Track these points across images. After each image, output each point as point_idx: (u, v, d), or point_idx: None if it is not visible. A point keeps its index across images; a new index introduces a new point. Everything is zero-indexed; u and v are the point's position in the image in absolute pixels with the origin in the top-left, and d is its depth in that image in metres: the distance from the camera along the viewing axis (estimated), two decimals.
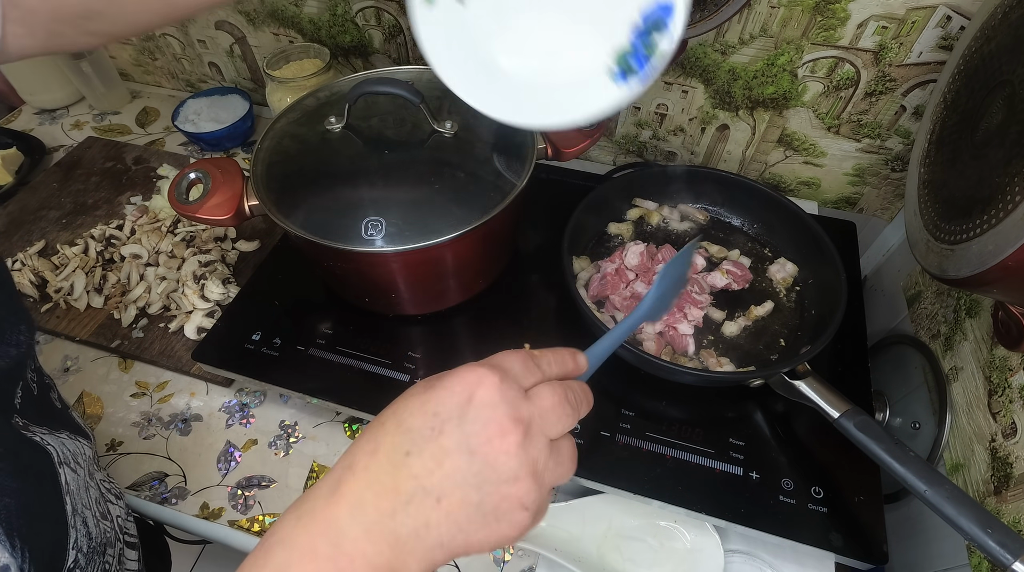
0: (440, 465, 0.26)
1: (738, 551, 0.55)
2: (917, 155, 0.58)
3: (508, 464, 0.26)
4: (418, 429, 0.26)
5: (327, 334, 0.64)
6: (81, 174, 0.89)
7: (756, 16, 0.66)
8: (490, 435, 0.26)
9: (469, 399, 0.27)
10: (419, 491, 0.26)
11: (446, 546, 0.26)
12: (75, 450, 0.43)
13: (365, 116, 0.60)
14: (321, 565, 0.25)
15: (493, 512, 0.26)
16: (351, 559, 0.25)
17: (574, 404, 0.29)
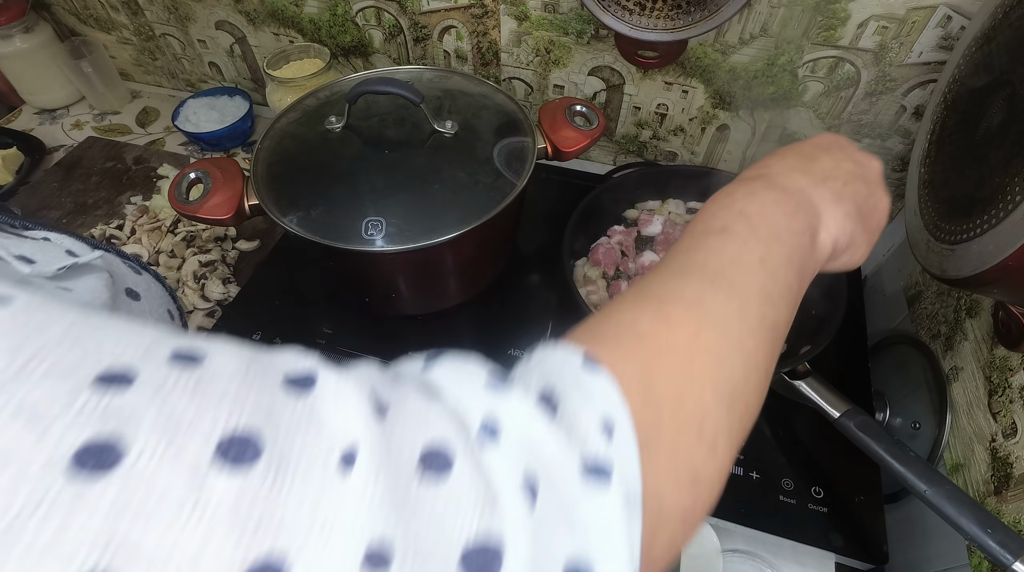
0: (832, 159, 0.36)
1: (738, 551, 0.55)
2: (917, 155, 0.58)
3: (875, 173, 0.38)
4: (807, 147, 0.37)
5: (327, 334, 0.64)
6: (81, 174, 0.89)
7: (756, 16, 0.66)
8: (860, 157, 0.37)
9: (835, 139, 0.38)
10: (821, 176, 0.34)
11: (851, 219, 0.34)
12: None
13: (365, 116, 0.60)
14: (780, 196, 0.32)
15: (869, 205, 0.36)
16: (795, 202, 0.32)
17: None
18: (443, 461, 0.16)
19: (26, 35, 0.93)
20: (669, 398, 0.21)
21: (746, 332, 0.25)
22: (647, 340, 0.23)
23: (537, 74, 0.82)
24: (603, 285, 0.64)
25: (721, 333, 0.24)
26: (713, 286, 0.26)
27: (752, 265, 0.27)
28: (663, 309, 0.24)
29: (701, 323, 0.24)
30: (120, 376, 0.14)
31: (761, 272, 0.27)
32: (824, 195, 0.33)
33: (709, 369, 0.23)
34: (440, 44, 0.82)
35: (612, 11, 0.65)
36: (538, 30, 0.76)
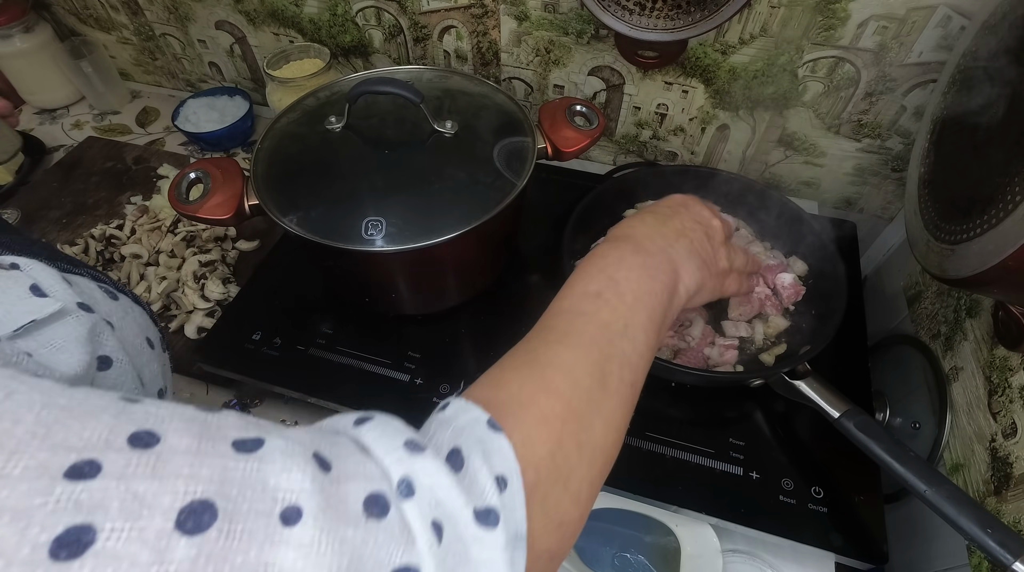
0: (683, 221, 0.44)
1: (738, 551, 0.55)
2: (917, 155, 0.58)
3: (718, 233, 0.46)
4: (663, 209, 0.46)
5: (327, 334, 0.64)
6: (81, 174, 0.89)
7: (756, 16, 0.66)
8: (704, 216, 0.46)
9: (684, 204, 0.48)
10: (674, 232, 0.42)
11: (700, 270, 0.42)
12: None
13: (365, 116, 0.60)
14: (637, 261, 0.38)
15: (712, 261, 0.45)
16: (656, 263, 0.39)
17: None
18: (382, 507, 0.20)
19: (26, 35, 0.93)
20: (545, 458, 0.26)
21: (607, 397, 0.31)
22: (531, 408, 0.28)
23: (537, 74, 0.82)
24: None
25: (586, 399, 0.30)
26: (586, 355, 0.31)
27: (618, 331, 0.33)
28: (544, 379, 0.30)
29: (572, 392, 0.29)
30: (87, 467, 0.16)
31: (624, 339, 0.33)
32: (680, 252, 0.41)
33: (576, 432, 0.28)
34: (440, 44, 0.82)
35: (612, 11, 0.65)
36: (538, 30, 0.76)
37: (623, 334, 0.33)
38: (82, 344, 0.26)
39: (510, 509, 0.23)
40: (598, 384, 0.31)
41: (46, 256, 0.30)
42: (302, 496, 0.18)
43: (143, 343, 0.32)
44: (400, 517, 0.20)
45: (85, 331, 0.27)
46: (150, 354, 0.33)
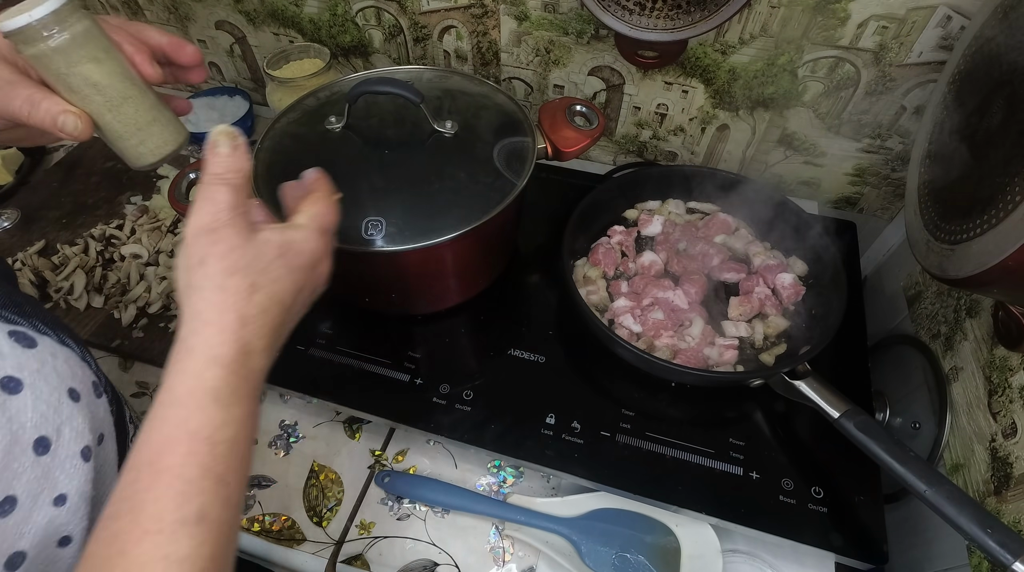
0: (298, 314, 0.38)
1: (738, 551, 0.55)
2: (917, 155, 0.58)
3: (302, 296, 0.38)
4: (292, 301, 0.36)
5: (327, 334, 0.64)
6: (81, 174, 0.89)
7: (756, 16, 0.66)
8: (321, 282, 0.39)
9: (319, 272, 0.39)
10: (287, 333, 0.36)
11: (278, 328, 0.35)
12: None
13: (365, 116, 0.60)
14: (244, 413, 0.31)
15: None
16: (258, 393, 0.32)
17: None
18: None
19: None
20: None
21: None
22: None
23: (537, 74, 0.82)
24: (603, 285, 0.65)
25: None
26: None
27: (192, 519, 0.27)
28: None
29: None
30: None
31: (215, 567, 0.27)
32: (260, 332, 0.33)
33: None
34: (440, 44, 0.82)
35: (612, 11, 0.65)
36: (538, 30, 0.76)
37: (227, 559, 0.28)
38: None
39: None
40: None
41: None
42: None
43: (62, 397, 0.29)
44: None
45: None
46: (71, 409, 0.29)
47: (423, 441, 0.62)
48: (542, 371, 0.61)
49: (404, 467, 0.61)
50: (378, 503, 0.59)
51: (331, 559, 0.55)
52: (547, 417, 0.57)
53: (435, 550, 0.56)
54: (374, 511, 0.58)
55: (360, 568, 0.55)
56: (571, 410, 0.58)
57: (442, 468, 0.61)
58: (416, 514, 0.58)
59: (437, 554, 0.56)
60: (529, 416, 0.57)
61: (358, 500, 0.59)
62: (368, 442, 0.63)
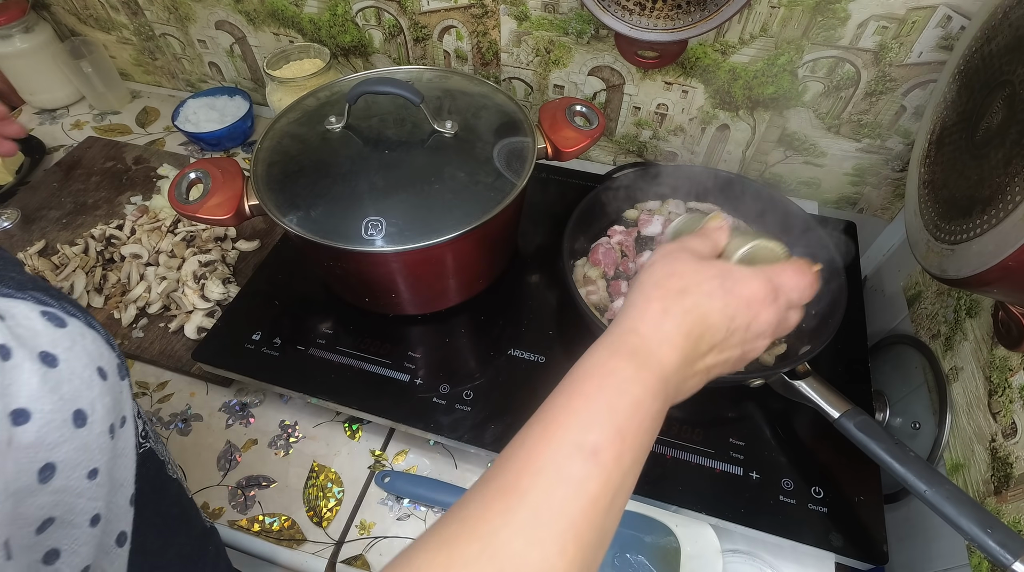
0: (721, 355, 0.36)
1: (738, 551, 0.55)
2: (917, 155, 0.58)
3: (756, 356, 0.39)
4: (717, 328, 0.35)
5: (327, 334, 0.64)
6: (81, 174, 0.89)
7: (756, 16, 0.66)
8: (757, 346, 0.38)
9: (756, 316, 0.36)
10: (703, 369, 0.36)
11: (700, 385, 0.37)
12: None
13: (365, 116, 0.60)
14: (651, 388, 0.32)
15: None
16: (666, 395, 0.33)
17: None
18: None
19: (26, 35, 0.93)
20: None
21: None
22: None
23: (537, 74, 0.82)
24: (603, 285, 0.65)
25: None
26: (559, 551, 0.26)
27: (603, 509, 0.28)
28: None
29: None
30: None
31: (607, 517, 0.28)
32: (696, 385, 0.36)
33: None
34: (440, 44, 0.82)
35: (612, 11, 0.65)
36: (538, 30, 0.76)
37: (608, 510, 0.28)
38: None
39: None
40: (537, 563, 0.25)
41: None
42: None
43: (92, 375, 0.30)
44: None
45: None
46: (101, 388, 0.30)
47: (423, 441, 0.62)
48: (542, 371, 0.61)
49: (404, 467, 0.61)
50: (378, 503, 0.59)
51: (331, 559, 0.55)
52: None
53: None
54: (374, 511, 0.58)
55: (360, 568, 0.55)
56: None
57: (442, 468, 0.61)
58: (416, 514, 0.58)
59: None
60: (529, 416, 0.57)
61: (358, 500, 0.59)
62: (368, 442, 0.63)
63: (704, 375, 0.36)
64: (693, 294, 0.35)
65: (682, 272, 0.36)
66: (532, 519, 0.26)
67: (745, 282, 0.36)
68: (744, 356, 0.38)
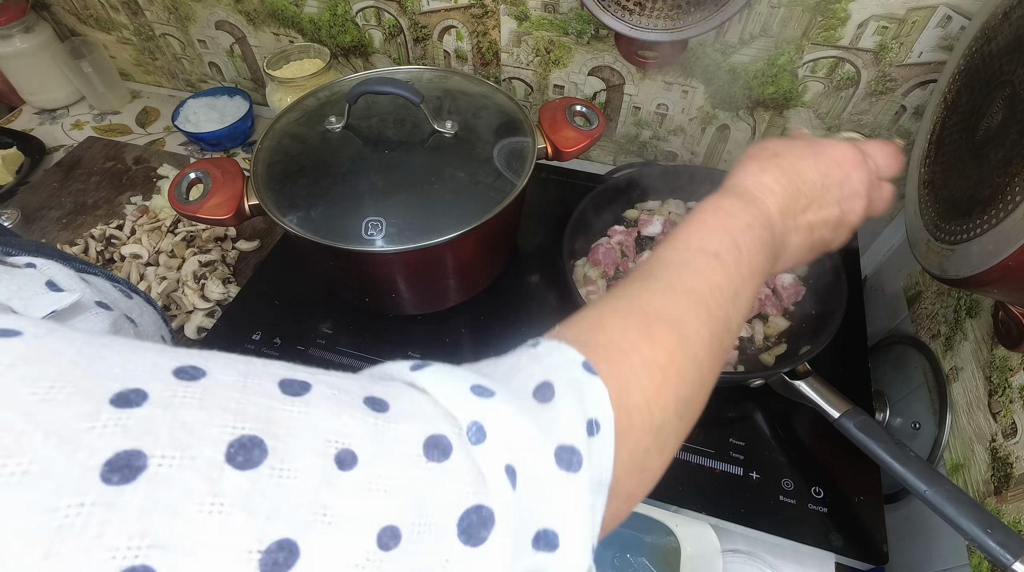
0: (821, 211, 0.38)
1: (738, 551, 0.55)
2: (917, 155, 0.58)
3: (855, 220, 0.40)
4: (813, 183, 0.38)
5: (327, 334, 0.64)
6: (81, 174, 0.89)
7: (756, 16, 0.66)
8: (855, 207, 0.39)
9: (847, 175, 0.38)
10: (806, 226, 0.38)
11: (801, 259, 0.40)
12: None
13: (365, 116, 0.60)
14: (758, 219, 0.35)
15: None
16: (772, 235, 0.35)
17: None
18: (444, 449, 0.19)
19: (26, 35, 0.93)
20: (640, 407, 0.25)
21: (707, 355, 0.30)
22: (632, 355, 0.26)
23: (537, 74, 0.82)
24: (603, 285, 0.65)
25: (690, 356, 0.28)
26: (694, 311, 0.29)
27: (728, 298, 0.31)
28: (649, 327, 0.28)
29: (678, 346, 0.28)
30: (132, 395, 0.15)
31: (732, 305, 0.31)
32: (801, 242, 0.38)
33: (674, 385, 0.27)
34: (440, 44, 0.82)
35: (612, 11, 0.65)
36: (538, 30, 0.76)
37: (732, 301, 0.31)
38: (109, 325, 0.27)
39: (598, 456, 0.22)
40: (702, 343, 0.29)
41: (59, 258, 0.30)
42: (355, 440, 0.18)
43: (159, 341, 0.32)
44: (469, 460, 0.19)
45: (108, 325, 0.27)
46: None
47: None
48: None
49: None
50: None
51: None
52: None
53: None
54: None
55: None
56: None
57: None
58: None
59: None
60: None
61: None
62: None
63: (808, 233, 0.38)
64: (786, 156, 0.38)
65: (774, 145, 0.39)
66: (667, 289, 0.30)
67: (834, 145, 0.39)
68: (843, 218, 0.39)
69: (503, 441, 0.20)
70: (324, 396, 0.18)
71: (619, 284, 0.32)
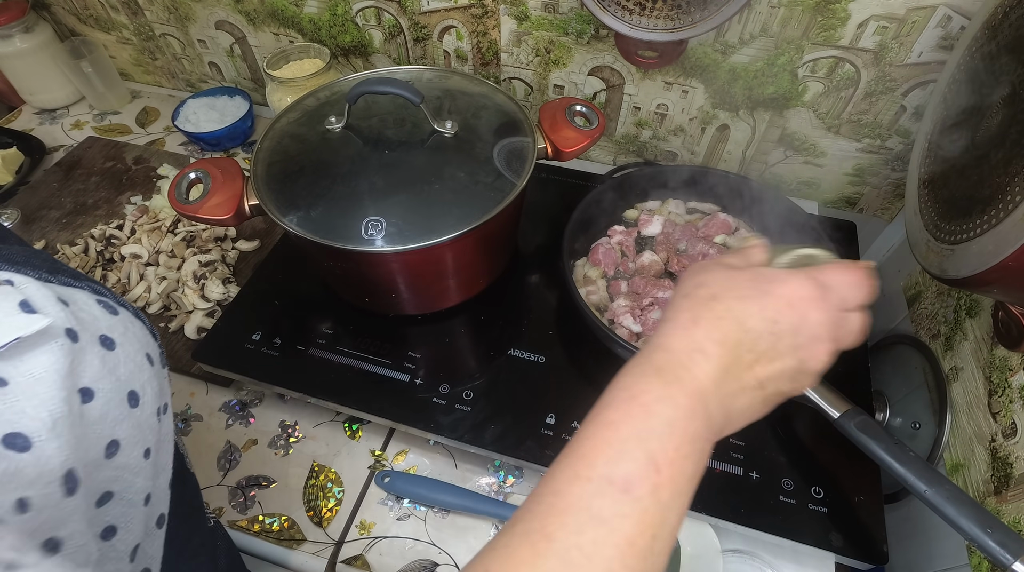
0: (772, 365, 0.32)
1: (738, 551, 0.55)
2: (917, 155, 0.58)
3: (820, 366, 0.34)
4: (759, 333, 0.32)
5: (327, 334, 0.64)
6: (81, 174, 0.89)
7: (756, 16, 0.66)
8: (816, 353, 0.33)
9: (803, 318, 0.32)
10: (754, 384, 0.32)
11: (754, 417, 0.33)
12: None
13: (365, 116, 0.60)
14: (684, 406, 0.29)
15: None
16: (708, 415, 0.30)
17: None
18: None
19: (26, 35, 0.93)
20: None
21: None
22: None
23: (537, 74, 0.82)
24: (603, 285, 0.65)
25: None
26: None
27: (644, 549, 0.25)
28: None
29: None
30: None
31: (648, 555, 0.26)
32: (750, 403, 0.32)
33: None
34: (440, 44, 0.82)
35: (612, 11, 0.65)
36: (538, 30, 0.76)
37: (648, 552, 0.25)
38: (60, 378, 0.25)
39: None
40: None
41: (47, 269, 0.29)
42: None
43: (143, 360, 0.32)
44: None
45: (66, 365, 0.26)
46: (150, 372, 0.32)
47: (423, 441, 0.62)
48: (542, 371, 0.61)
49: (404, 467, 0.61)
50: (378, 503, 0.59)
51: (331, 559, 0.55)
52: (547, 417, 0.57)
53: (435, 550, 0.56)
54: (374, 511, 0.58)
55: (360, 568, 0.55)
56: (571, 410, 0.58)
57: (442, 468, 0.61)
58: (416, 514, 0.58)
59: (437, 554, 0.56)
60: (529, 416, 0.57)
61: (358, 500, 0.59)
62: (368, 442, 0.63)
63: (759, 391, 0.32)
64: (724, 299, 0.32)
65: (712, 281, 0.33)
66: (562, 565, 0.24)
67: (783, 281, 0.33)
68: (803, 366, 0.33)
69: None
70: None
71: (500, 541, 0.26)
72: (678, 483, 0.27)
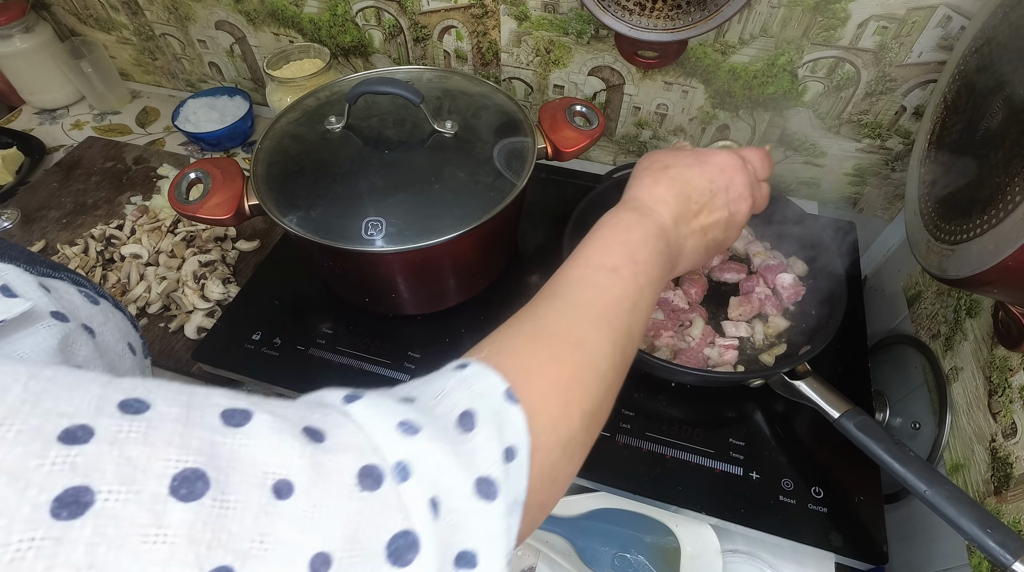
0: (711, 215, 0.42)
1: (738, 551, 0.55)
2: (917, 155, 0.58)
3: (743, 219, 0.45)
4: (701, 190, 0.42)
5: (327, 334, 0.64)
6: (81, 174, 0.89)
7: (756, 16, 0.66)
8: (741, 208, 0.44)
9: (731, 180, 0.43)
10: (699, 229, 0.42)
11: (699, 261, 0.44)
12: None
13: (365, 116, 0.60)
14: (653, 232, 0.39)
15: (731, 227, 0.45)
16: (668, 244, 0.39)
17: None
18: (376, 478, 0.20)
19: (26, 35, 0.93)
20: (548, 426, 0.27)
21: (609, 367, 0.32)
22: (540, 378, 0.28)
23: (537, 74, 0.82)
24: None
25: (594, 370, 0.31)
26: (596, 327, 0.32)
27: (627, 309, 0.34)
28: (554, 348, 0.30)
29: (581, 363, 0.30)
30: (80, 431, 0.16)
31: (631, 315, 0.34)
32: (696, 245, 0.42)
33: (579, 401, 0.29)
34: (440, 44, 0.82)
35: (612, 11, 0.65)
36: (538, 30, 0.76)
37: (631, 312, 0.34)
38: (51, 356, 0.26)
39: (514, 479, 0.24)
40: (605, 357, 0.31)
41: (24, 260, 0.29)
42: (292, 470, 0.18)
43: (125, 349, 0.32)
44: (396, 494, 0.20)
45: (55, 343, 0.26)
46: (132, 361, 0.32)
47: None
48: None
49: None
50: None
51: None
52: None
53: None
54: None
55: None
56: None
57: None
58: None
59: None
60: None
61: None
62: None
63: (701, 235, 0.42)
64: (675, 167, 0.42)
65: (664, 157, 0.44)
66: (569, 307, 0.33)
67: (716, 154, 0.44)
68: (732, 218, 0.43)
69: (427, 478, 0.21)
70: (264, 425, 0.19)
71: (528, 305, 0.35)
72: (650, 275, 0.36)
